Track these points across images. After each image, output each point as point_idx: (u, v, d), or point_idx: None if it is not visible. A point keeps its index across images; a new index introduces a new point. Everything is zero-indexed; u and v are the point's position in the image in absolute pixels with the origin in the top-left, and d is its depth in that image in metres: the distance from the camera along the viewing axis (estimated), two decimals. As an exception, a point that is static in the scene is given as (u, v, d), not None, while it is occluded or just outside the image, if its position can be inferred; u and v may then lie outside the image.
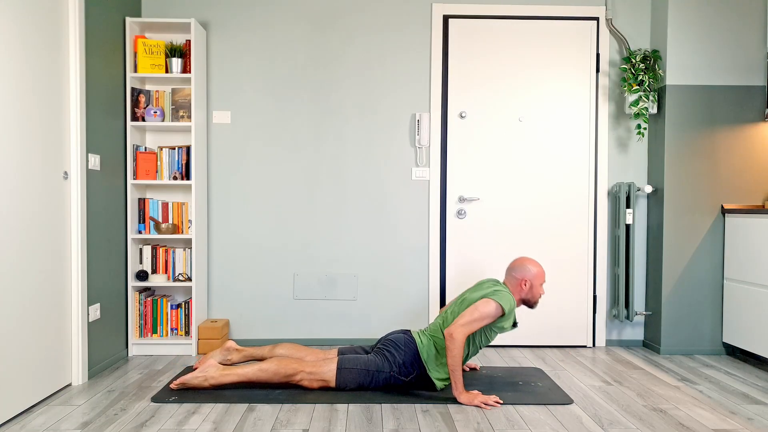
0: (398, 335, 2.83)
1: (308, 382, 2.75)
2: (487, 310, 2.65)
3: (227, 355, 2.94)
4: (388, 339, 2.84)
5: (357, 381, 2.75)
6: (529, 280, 2.81)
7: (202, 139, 3.60)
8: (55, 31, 2.73)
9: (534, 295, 2.83)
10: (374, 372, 2.75)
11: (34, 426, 2.36)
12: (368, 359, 2.77)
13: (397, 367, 2.75)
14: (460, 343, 2.59)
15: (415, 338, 2.80)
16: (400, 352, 2.76)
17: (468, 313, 2.65)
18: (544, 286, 3.68)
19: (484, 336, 2.79)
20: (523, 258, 2.87)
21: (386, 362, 2.76)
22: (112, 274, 3.27)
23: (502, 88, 3.71)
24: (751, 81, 3.51)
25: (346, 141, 3.72)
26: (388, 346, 2.80)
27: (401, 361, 2.75)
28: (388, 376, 2.75)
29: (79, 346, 2.88)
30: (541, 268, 2.84)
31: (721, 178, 3.53)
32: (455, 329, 2.61)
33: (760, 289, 3.21)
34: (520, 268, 2.84)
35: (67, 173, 2.83)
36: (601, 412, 2.55)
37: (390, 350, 2.78)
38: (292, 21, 3.71)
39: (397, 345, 2.79)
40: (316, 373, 2.74)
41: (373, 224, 3.73)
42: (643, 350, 3.66)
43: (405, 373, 2.75)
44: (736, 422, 2.43)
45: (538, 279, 2.82)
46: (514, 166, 3.72)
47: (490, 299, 2.68)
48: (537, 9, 3.68)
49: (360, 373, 2.74)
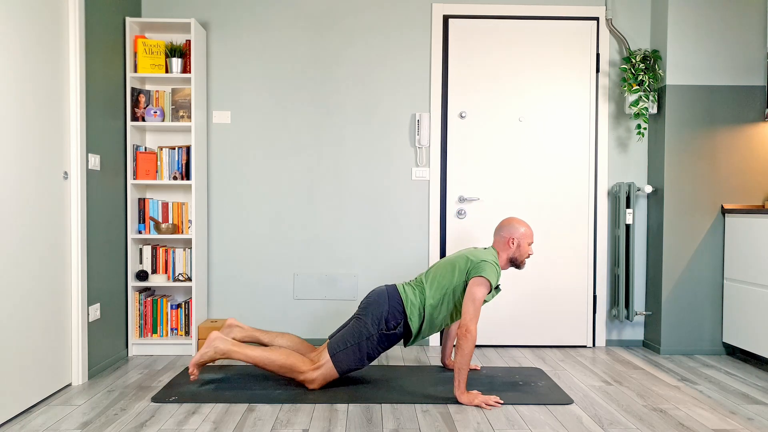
0: (380, 289, 2.86)
1: (311, 383, 2.76)
2: (483, 292, 2.68)
3: (229, 333, 2.95)
4: (367, 298, 2.85)
5: (355, 358, 2.75)
6: (516, 238, 2.84)
7: (202, 139, 3.60)
8: (55, 31, 2.73)
9: (521, 254, 2.86)
10: (365, 340, 2.74)
11: (34, 426, 2.36)
12: (353, 331, 2.77)
13: (385, 322, 2.75)
14: (474, 337, 2.59)
15: (399, 289, 2.83)
16: (383, 306, 2.78)
17: (470, 303, 2.64)
18: (532, 246, 3.68)
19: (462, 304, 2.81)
20: (512, 218, 2.90)
21: (370, 325, 2.75)
22: (112, 274, 3.27)
23: (502, 88, 3.71)
24: (751, 81, 3.51)
25: (346, 141, 3.72)
26: (368, 305, 2.81)
27: (385, 314, 2.76)
28: (379, 335, 2.75)
29: (79, 346, 2.88)
30: (529, 228, 2.88)
31: (721, 178, 3.53)
32: (470, 324, 2.61)
33: (760, 289, 3.21)
34: (508, 227, 2.86)
35: (67, 173, 2.83)
36: (601, 412, 2.55)
37: (370, 309, 2.78)
38: (292, 20, 3.71)
39: (378, 301, 2.80)
40: (317, 374, 2.75)
41: (373, 224, 3.73)
42: (643, 350, 3.66)
43: (393, 325, 2.76)
44: (736, 422, 2.43)
45: (526, 238, 2.85)
46: (514, 166, 3.72)
47: (481, 278, 2.69)
48: (537, 9, 3.68)
49: (353, 350, 2.74)
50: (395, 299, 2.80)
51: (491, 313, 3.73)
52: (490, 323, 3.73)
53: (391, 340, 2.79)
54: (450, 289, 2.79)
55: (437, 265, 2.89)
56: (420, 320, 2.80)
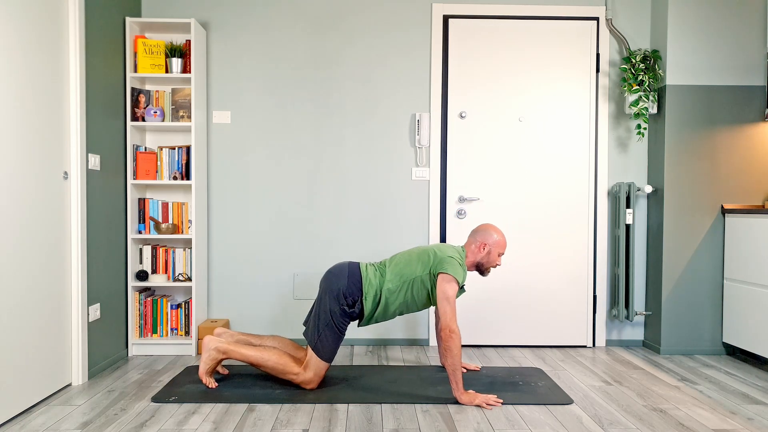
0: (343, 264, 2.86)
1: (308, 384, 2.78)
2: (454, 288, 2.69)
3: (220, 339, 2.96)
4: (327, 273, 2.85)
5: (332, 339, 2.75)
6: (488, 245, 2.84)
7: (202, 139, 3.60)
8: (55, 31, 2.73)
9: (489, 262, 2.87)
10: (332, 318, 2.75)
11: (34, 426, 2.36)
12: (319, 315, 2.78)
13: (343, 297, 2.76)
14: (459, 335, 2.60)
15: (361, 267, 2.83)
16: (341, 281, 2.78)
17: (445, 302, 2.64)
18: (502, 258, 3.68)
19: (420, 296, 2.80)
20: (490, 224, 2.90)
21: (332, 302, 2.76)
22: (112, 274, 3.27)
23: (502, 88, 3.71)
24: (751, 81, 3.51)
25: (346, 141, 3.72)
26: (328, 280, 2.81)
27: (344, 289, 2.76)
28: (341, 310, 2.75)
29: (79, 346, 2.88)
30: (504, 239, 2.88)
31: (721, 178, 3.52)
32: (452, 324, 2.61)
33: (760, 289, 3.21)
34: (484, 232, 2.87)
35: (67, 173, 2.83)
36: (601, 412, 2.55)
37: (329, 285, 2.79)
38: (292, 21, 3.71)
39: (337, 275, 2.80)
40: (309, 373, 2.76)
41: (373, 224, 3.73)
42: (643, 350, 3.66)
43: (350, 302, 2.76)
44: (736, 422, 2.43)
45: (498, 247, 2.85)
46: (514, 166, 3.72)
47: (448, 275, 2.69)
48: (537, 9, 3.68)
49: (327, 333, 2.74)
50: (355, 276, 2.80)
51: (492, 312, 3.73)
52: (490, 323, 3.73)
53: (352, 317, 2.80)
54: (410, 279, 2.78)
55: (403, 253, 2.89)
56: (375, 302, 2.79)
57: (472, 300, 3.73)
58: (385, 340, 3.74)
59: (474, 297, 3.73)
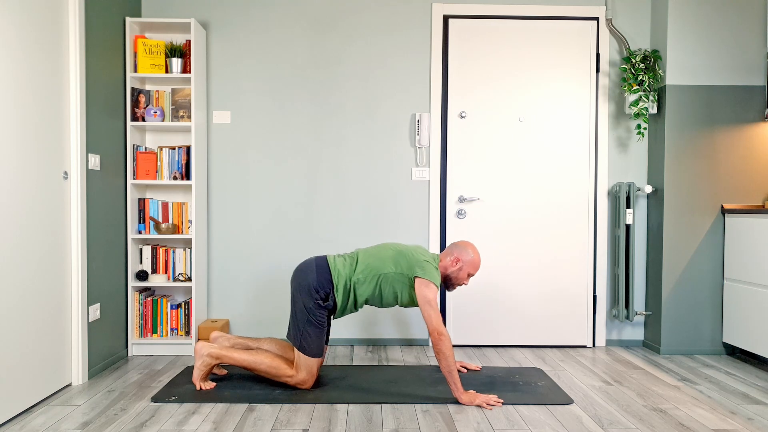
0: (309, 260, 2.85)
1: (303, 384, 2.79)
2: (434, 291, 2.69)
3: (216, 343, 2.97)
4: (295, 272, 2.85)
5: (314, 336, 2.75)
6: (462, 262, 2.84)
7: (202, 139, 3.60)
8: (55, 31, 2.73)
9: (457, 278, 2.86)
10: (309, 315, 2.75)
11: (34, 426, 2.36)
12: (297, 316, 2.78)
13: (315, 292, 2.75)
14: (448, 337, 2.60)
15: (329, 260, 2.82)
16: (310, 276, 2.78)
17: (428, 307, 2.64)
18: (471, 279, 3.67)
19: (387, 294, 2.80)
20: (470, 244, 2.90)
21: (304, 300, 2.76)
22: (112, 274, 3.27)
23: (502, 88, 3.71)
24: (751, 81, 3.51)
25: (346, 141, 3.72)
26: (296, 279, 2.81)
27: (314, 284, 2.76)
28: (316, 304, 2.75)
29: (79, 346, 2.88)
30: (479, 261, 2.87)
31: (721, 178, 3.52)
32: (439, 327, 2.61)
33: (760, 289, 3.21)
34: (463, 248, 2.86)
35: (67, 173, 2.83)
36: (601, 412, 2.55)
37: (298, 283, 2.78)
38: (292, 21, 3.71)
39: (304, 271, 2.79)
40: (301, 373, 2.77)
41: (373, 224, 3.73)
42: (643, 350, 3.66)
43: (323, 295, 2.76)
44: (736, 422, 2.43)
45: (470, 266, 2.85)
46: (514, 166, 3.72)
47: (427, 281, 2.69)
48: (537, 9, 3.68)
49: (308, 331, 2.74)
50: (323, 270, 2.79)
51: (492, 312, 3.73)
52: (490, 323, 3.73)
53: (328, 309, 2.80)
54: (380, 275, 2.77)
55: (376, 247, 2.87)
56: (346, 293, 2.78)
57: (472, 300, 3.73)
58: (385, 341, 3.74)
59: (474, 297, 3.73)
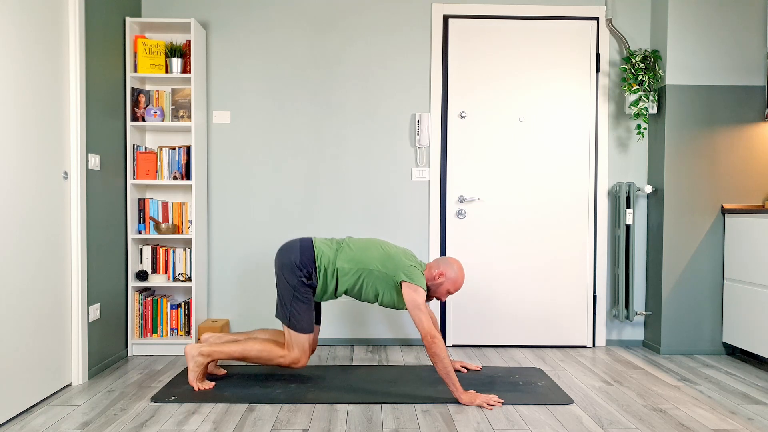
0: (293, 241, 2.86)
1: (296, 363, 2.79)
2: (422, 295, 2.70)
3: None
4: (278, 252, 2.86)
5: (302, 311, 2.76)
6: (446, 278, 2.82)
7: (202, 139, 3.60)
8: (55, 31, 2.73)
9: (437, 292, 2.86)
10: (293, 291, 2.76)
11: (34, 426, 2.36)
12: (283, 294, 2.80)
13: (299, 270, 2.76)
14: (441, 339, 2.60)
15: (314, 242, 2.83)
16: (293, 254, 2.79)
17: (419, 312, 2.63)
18: (450, 296, 3.69)
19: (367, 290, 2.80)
20: (457, 262, 2.86)
21: (288, 278, 2.76)
22: (112, 274, 3.27)
23: (502, 88, 3.71)
24: (751, 81, 3.51)
25: (346, 141, 3.72)
26: (279, 259, 2.82)
27: (297, 262, 2.77)
28: (300, 281, 2.76)
29: (79, 346, 2.88)
30: (461, 281, 2.84)
31: (721, 178, 3.52)
32: (431, 330, 2.60)
33: (760, 289, 3.21)
34: (449, 265, 2.84)
35: (67, 173, 2.83)
36: (601, 412, 2.55)
37: (281, 263, 2.79)
38: (292, 21, 3.71)
39: (288, 251, 2.80)
40: (294, 351, 2.78)
41: (373, 224, 3.73)
42: (643, 350, 3.66)
43: (306, 274, 2.76)
44: (736, 422, 2.43)
45: (452, 284, 2.83)
46: (514, 166, 3.72)
47: (415, 286, 2.69)
48: (537, 9, 3.68)
49: (296, 308, 2.76)
50: (307, 250, 2.80)
51: (491, 312, 3.73)
52: (490, 323, 3.73)
53: (312, 288, 2.80)
54: (364, 270, 2.76)
55: (368, 242, 2.86)
56: (326, 277, 2.78)
57: (472, 300, 3.73)
58: (385, 341, 3.74)
59: (474, 297, 3.73)
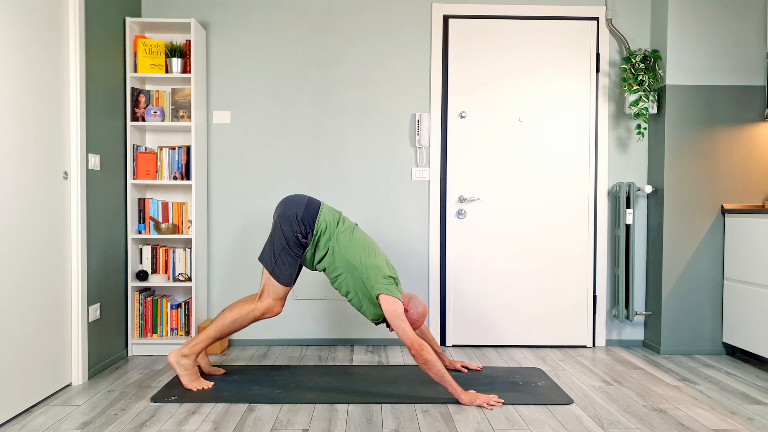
0: (303, 197, 2.84)
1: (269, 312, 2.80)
2: (401, 306, 2.68)
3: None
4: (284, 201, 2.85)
5: (287, 265, 2.76)
6: (411, 315, 2.78)
7: (202, 139, 3.60)
8: (55, 31, 2.73)
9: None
10: (286, 243, 2.75)
11: (34, 426, 2.36)
12: (274, 241, 2.79)
13: (297, 224, 2.75)
14: (427, 345, 2.59)
15: (321, 206, 2.81)
16: (298, 208, 2.77)
17: (401, 323, 2.61)
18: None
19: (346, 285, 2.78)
20: (424, 305, 2.82)
21: (286, 229, 2.75)
22: (112, 274, 3.27)
23: (502, 88, 3.71)
24: (751, 81, 3.51)
25: (346, 141, 3.72)
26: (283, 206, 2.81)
27: (300, 218, 2.75)
28: (294, 238, 2.75)
29: (79, 346, 2.88)
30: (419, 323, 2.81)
31: (721, 178, 3.53)
32: (414, 339, 2.58)
33: (760, 289, 3.21)
34: (416, 305, 2.79)
35: (67, 173, 2.83)
36: (601, 412, 2.55)
37: (284, 211, 2.79)
38: (292, 21, 3.71)
39: (294, 203, 2.79)
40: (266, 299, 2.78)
41: (374, 224, 3.73)
42: (643, 350, 3.66)
43: (304, 232, 2.76)
44: (736, 422, 2.43)
45: (411, 321, 2.80)
46: (514, 166, 3.72)
47: (394, 299, 2.67)
48: (537, 9, 3.68)
49: (283, 256, 2.76)
50: (313, 210, 2.78)
51: (491, 312, 3.73)
52: (490, 323, 3.73)
53: (304, 247, 2.79)
54: (351, 264, 2.74)
55: (367, 241, 2.82)
56: (320, 244, 2.76)
57: (472, 300, 3.73)
58: (385, 341, 3.74)
59: (474, 297, 3.73)
